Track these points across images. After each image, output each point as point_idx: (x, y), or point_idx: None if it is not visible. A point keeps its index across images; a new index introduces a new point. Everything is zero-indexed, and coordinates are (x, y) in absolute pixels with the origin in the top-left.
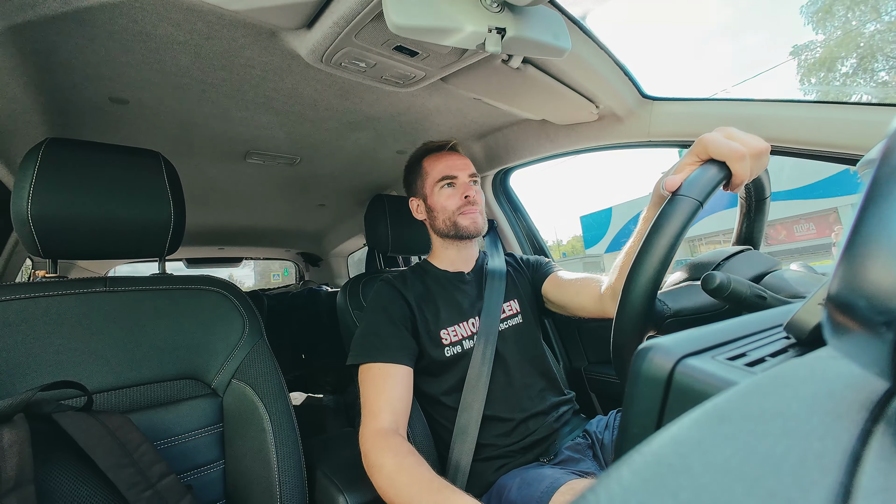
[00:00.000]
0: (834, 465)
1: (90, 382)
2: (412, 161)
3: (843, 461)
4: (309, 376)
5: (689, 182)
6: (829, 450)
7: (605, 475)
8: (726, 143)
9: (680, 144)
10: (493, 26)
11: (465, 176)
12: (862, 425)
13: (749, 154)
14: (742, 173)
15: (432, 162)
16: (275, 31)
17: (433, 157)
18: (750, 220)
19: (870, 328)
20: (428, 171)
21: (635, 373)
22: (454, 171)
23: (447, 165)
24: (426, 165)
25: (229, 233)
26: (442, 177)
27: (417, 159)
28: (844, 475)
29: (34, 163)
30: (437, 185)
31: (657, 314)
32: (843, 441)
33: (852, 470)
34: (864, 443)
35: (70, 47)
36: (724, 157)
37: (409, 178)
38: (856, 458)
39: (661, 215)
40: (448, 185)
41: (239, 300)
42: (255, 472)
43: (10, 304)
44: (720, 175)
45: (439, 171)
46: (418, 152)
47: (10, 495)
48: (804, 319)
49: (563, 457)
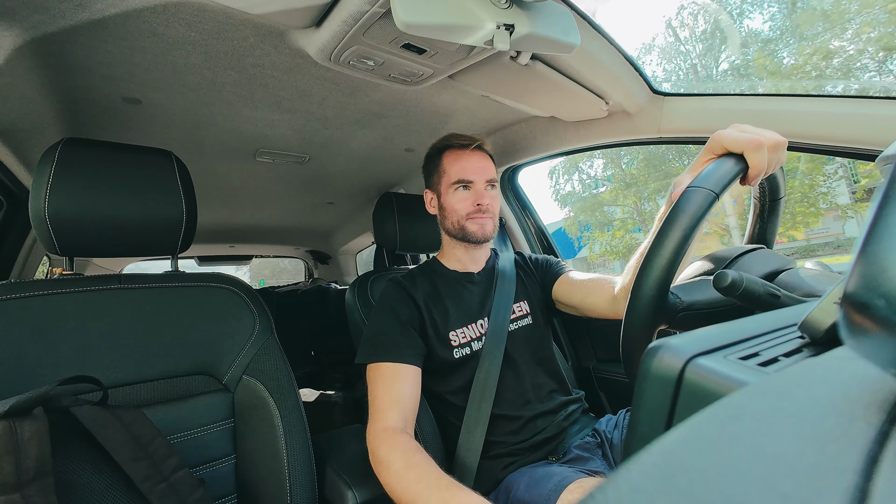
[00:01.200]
0: (850, 468)
1: (105, 377)
2: (433, 152)
3: (860, 463)
4: (318, 373)
5: (705, 174)
6: (845, 452)
7: (614, 474)
8: (742, 134)
9: (690, 141)
10: (501, 23)
11: (483, 182)
12: (879, 427)
13: (766, 145)
14: (759, 164)
15: (451, 160)
16: (284, 30)
17: (454, 155)
18: (763, 220)
19: (888, 328)
20: (445, 170)
21: (645, 371)
22: (471, 176)
23: (465, 168)
24: (445, 162)
25: (240, 231)
26: (458, 178)
27: (438, 152)
28: (860, 478)
29: (51, 162)
30: (452, 186)
31: (669, 307)
32: (859, 443)
33: (869, 472)
34: (881, 445)
35: (84, 49)
36: (741, 147)
37: (427, 169)
38: (873, 460)
39: (674, 208)
40: (463, 188)
41: (250, 297)
42: (265, 466)
43: (29, 301)
44: (737, 167)
45: (456, 172)
46: (441, 144)
47: (30, 485)
48: (819, 319)
49: (572, 455)
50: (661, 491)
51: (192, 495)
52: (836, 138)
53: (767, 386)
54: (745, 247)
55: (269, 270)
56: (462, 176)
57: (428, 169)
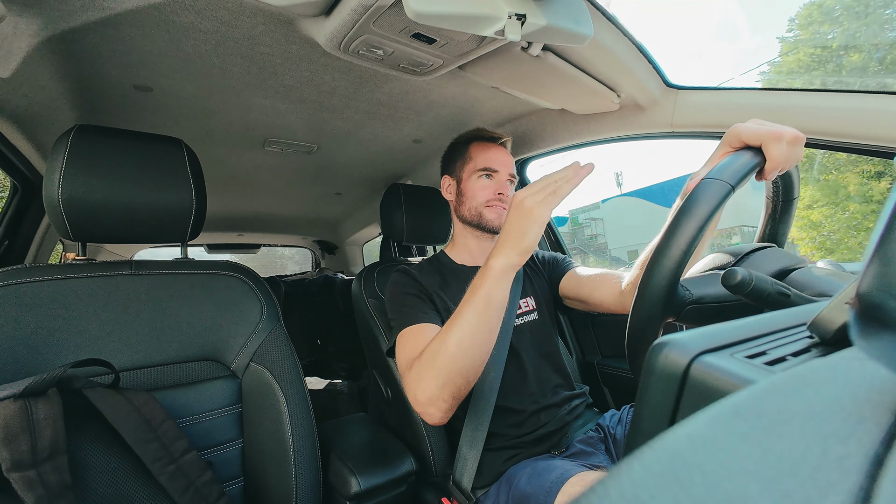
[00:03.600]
0: (855, 469)
1: (116, 361)
2: (459, 140)
3: (865, 465)
4: (324, 362)
5: (721, 166)
6: (851, 453)
7: (616, 469)
8: (761, 126)
9: (704, 135)
10: (513, 13)
11: (505, 174)
12: (887, 429)
13: (786, 138)
14: (777, 157)
15: (479, 149)
16: (294, 18)
17: (482, 145)
18: (775, 220)
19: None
20: (472, 156)
21: (650, 367)
22: (497, 166)
23: (492, 158)
24: (472, 150)
25: (248, 219)
26: (484, 167)
27: (466, 141)
28: (865, 479)
29: (64, 149)
30: (477, 172)
31: (678, 298)
32: (865, 444)
33: (874, 474)
34: (888, 446)
35: (97, 37)
36: (759, 139)
37: (450, 156)
38: (878, 461)
39: (689, 198)
40: (486, 177)
41: (257, 285)
42: (271, 451)
43: (43, 285)
44: (754, 160)
45: (484, 160)
46: (469, 134)
47: (45, 464)
48: (829, 318)
49: (575, 450)
50: (662, 487)
51: (201, 477)
52: (852, 134)
53: (774, 385)
54: (756, 244)
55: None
56: (488, 164)
57: (451, 156)
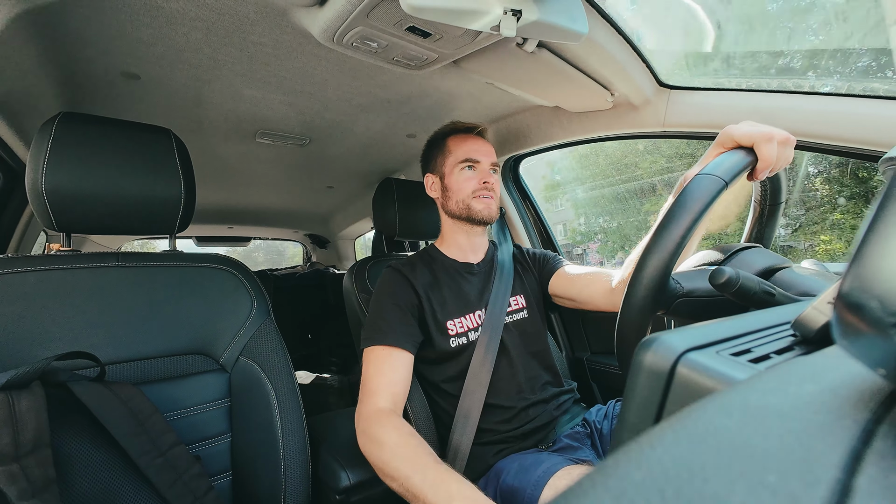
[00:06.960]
0: (834, 464)
1: (102, 354)
2: (436, 137)
3: (844, 460)
4: (315, 356)
5: (715, 163)
6: (831, 448)
7: (602, 463)
8: (753, 128)
9: (694, 136)
10: (508, 8)
11: (488, 163)
12: (864, 425)
13: (777, 139)
14: (769, 157)
15: (457, 142)
16: (286, 7)
17: (459, 138)
18: (762, 223)
19: (879, 329)
20: (451, 150)
21: (637, 364)
22: (478, 156)
23: (472, 149)
24: (450, 144)
25: (239, 212)
26: (465, 158)
27: (442, 136)
28: (844, 473)
29: (48, 136)
30: (459, 165)
31: (670, 291)
32: (844, 440)
33: (853, 468)
34: (865, 442)
35: (82, 21)
36: (752, 139)
37: (429, 154)
38: (856, 456)
39: (683, 192)
40: (469, 168)
41: (247, 279)
42: (260, 445)
43: (25, 276)
44: (747, 159)
45: (463, 152)
46: (444, 129)
47: (28, 457)
48: (812, 318)
49: (562, 444)
50: (647, 481)
51: (189, 471)
52: (841, 138)
53: (757, 382)
54: (743, 244)
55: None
56: (470, 155)
57: (430, 153)
